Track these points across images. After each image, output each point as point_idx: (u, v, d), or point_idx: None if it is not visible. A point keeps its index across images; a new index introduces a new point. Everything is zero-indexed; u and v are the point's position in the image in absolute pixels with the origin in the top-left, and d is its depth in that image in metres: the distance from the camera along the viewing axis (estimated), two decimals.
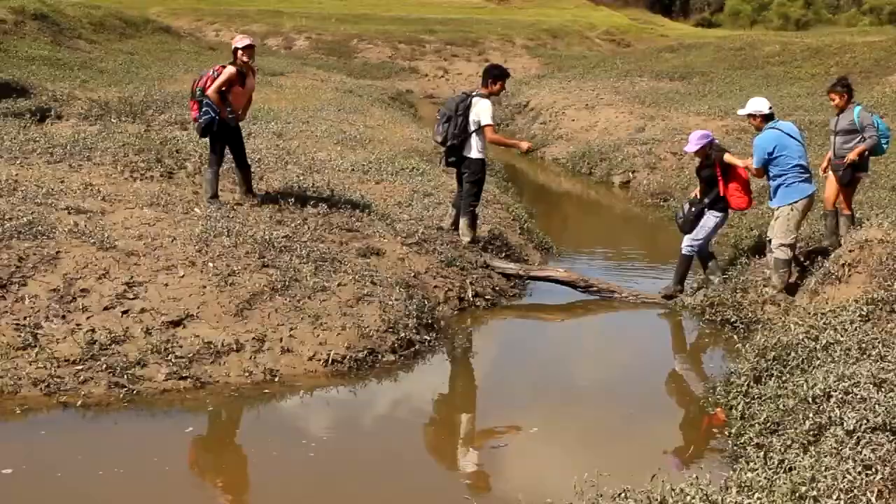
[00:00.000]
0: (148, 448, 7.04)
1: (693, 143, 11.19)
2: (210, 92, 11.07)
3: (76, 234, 9.57)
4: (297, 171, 13.95)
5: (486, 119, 11.27)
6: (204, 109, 11.16)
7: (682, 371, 9.88)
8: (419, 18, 52.85)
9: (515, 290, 11.47)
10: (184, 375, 7.89)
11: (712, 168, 11.13)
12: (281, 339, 8.53)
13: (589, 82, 31.63)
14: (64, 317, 8.38)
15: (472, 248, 11.56)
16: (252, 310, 8.84)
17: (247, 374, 8.10)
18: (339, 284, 9.44)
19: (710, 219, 11.25)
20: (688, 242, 11.33)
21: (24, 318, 8.28)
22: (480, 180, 11.63)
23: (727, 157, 11.15)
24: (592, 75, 33.33)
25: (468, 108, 11.23)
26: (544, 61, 46.18)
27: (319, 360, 8.43)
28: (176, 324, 8.49)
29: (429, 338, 9.30)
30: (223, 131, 11.31)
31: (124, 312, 8.54)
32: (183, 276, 9.12)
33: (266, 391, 7.98)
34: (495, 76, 11.46)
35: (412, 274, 10.50)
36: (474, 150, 11.41)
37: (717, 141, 11.53)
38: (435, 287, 10.57)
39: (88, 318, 8.40)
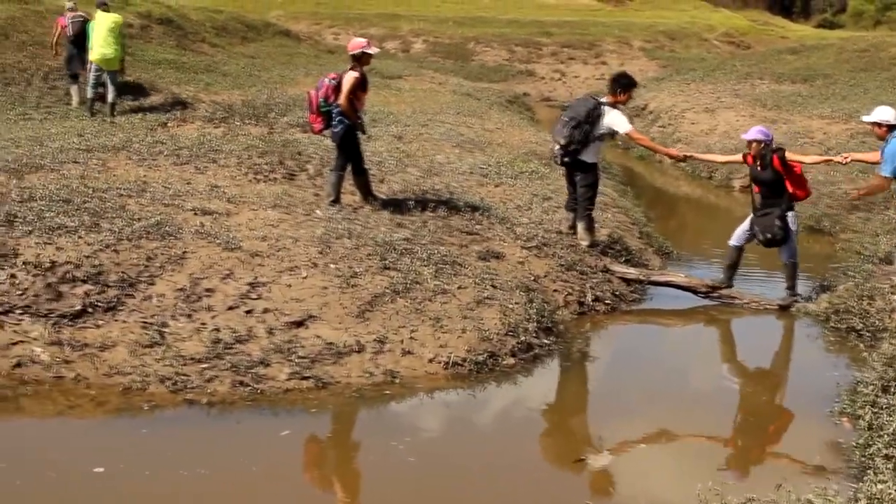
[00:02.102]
0: (242, 449, 7.06)
1: (751, 133, 11.07)
2: (343, 101, 11.22)
3: (202, 235, 9.77)
4: (416, 174, 14.04)
5: (625, 126, 11.29)
6: (338, 119, 11.31)
7: (805, 379, 9.63)
8: (535, 21, 52.70)
9: (635, 295, 11.36)
10: (306, 375, 7.96)
11: (772, 168, 10.94)
12: (402, 341, 8.58)
13: (708, 85, 31.19)
14: (190, 316, 8.55)
15: (591, 252, 11.50)
16: (373, 311, 8.90)
17: (367, 375, 8.14)
18: (459, 287, 9.47)
19: (791, 220, 11.09)
20: (788, 252, 11.15)
21: (152, 316, 8.49)
22: (594, 184, 11.58)
23: (791, 156, 11.02)
24: (712, 78, 32.82)
25: (599, 117, 11.18)
26: (662, 63, 45.71)
27: (440, 362, 8.44)
28: (298, 324, 8.60)
29: (548, 342, 9.26)
30: (355, 137, 11.48)
31: (248, 312, 8.68)
32: (305, 277, 9.24)
33: (386, 392, 8.01)
34: (624, 85, 11.37)
35: (532, 277, 10.47)
36: (591, 156, 11.39)
37: (773, 144, 11.29)
38: (555, 291, 10.53)
39: (213, 317, 8.57)
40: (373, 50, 11.52)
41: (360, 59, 11.42)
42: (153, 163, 13.07)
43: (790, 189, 10.97)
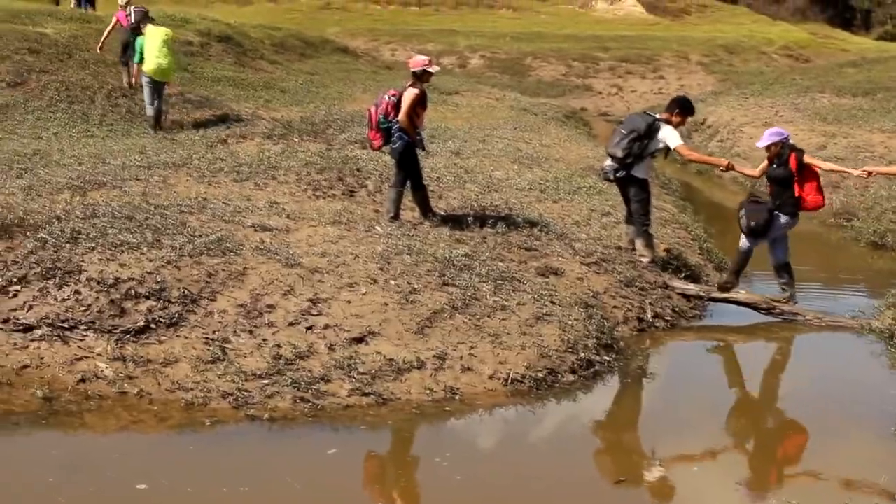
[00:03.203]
0: (292, 466, 7.05)
1: (765, 139, 11.08)
2: (402, 118, 11.27)
3: (262, 251, 9.82)
4: (475, 190, 14.03)
5: (676, 141, 11.27)
6: (397, 135, 11.36)
7: (868, 397, 9.47)
8: (592, 36, 52.51)
9: (695, 311, 11.29)
10: (366, 392, 7.98)
11: (787, 166, 10.85)
12: (461, 358, 8.57)
13: (767, 99, 30.87)
14: (251, 332, 8.61)
15: (651, 268, 11.45)
16: (433, 328, 8.91)
17: (428, 391, 8.15)
18: (518, 304, 9.45)
19: (785, 224, 11.10)
20: (774, 252, 11.39)
21: (214, 332, 8.56)
22: (647, 199, 11.58)
23: (808, 160, 10.94)
24: (771, 92, 32.49)
25: (656, 131, 11.16)
26: (720, 78, 45.40)
27: (499, 379, 8.43)
28: (359, 340, 8.63)
29: (608, 358, 9.22)
30: (414, 154, 11.52)
31: (308, 328, 8.72)
32: (365, 293, 9.27)
33: (447, 409, 8.01)
34: (683, 108, 11.41)
35: (591, 294, 10.43)
36: (642, 171, 11.40)
37: (791, 141, 11.19)
38: (614, 307, 10.48)
39: (274, 333, 8.62)
40: (434, 69, 11.56)
41: (421, 77, 11.46)
42: (213, 179, 13.17)
43: (797, 192, 10.89)
